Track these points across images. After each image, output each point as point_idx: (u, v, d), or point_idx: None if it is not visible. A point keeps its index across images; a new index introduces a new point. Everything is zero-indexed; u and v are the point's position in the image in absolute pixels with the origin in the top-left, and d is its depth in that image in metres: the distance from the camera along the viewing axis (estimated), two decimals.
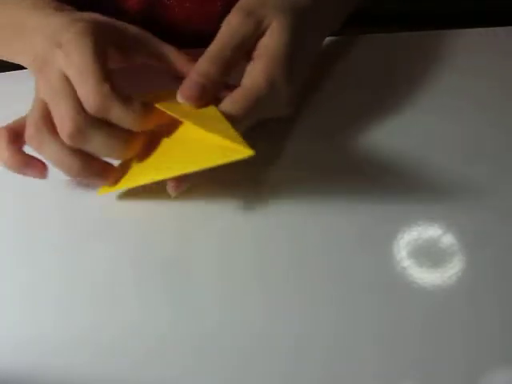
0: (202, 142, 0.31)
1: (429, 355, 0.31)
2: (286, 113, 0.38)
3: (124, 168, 0.36)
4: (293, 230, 0.35)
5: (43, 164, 0.35)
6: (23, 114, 0.35)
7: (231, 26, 0.35)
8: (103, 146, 0.33)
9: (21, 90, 0.37)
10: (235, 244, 0.35)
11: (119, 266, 0.34)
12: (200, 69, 0.35)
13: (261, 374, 0.30)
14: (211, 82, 0.34)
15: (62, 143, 0.32)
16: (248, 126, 0.36)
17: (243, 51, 0.35)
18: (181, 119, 0.34)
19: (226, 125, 0.32)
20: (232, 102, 0.34)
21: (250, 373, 0.30)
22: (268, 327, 0.32)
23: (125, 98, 0.32)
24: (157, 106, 0.34)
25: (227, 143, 0.30)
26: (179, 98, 0.34)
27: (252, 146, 0.30)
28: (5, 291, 0.33)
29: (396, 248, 0.35)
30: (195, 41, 0.45)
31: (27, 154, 0.34)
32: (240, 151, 0.30)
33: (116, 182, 0.35)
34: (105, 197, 0.37)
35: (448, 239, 0.35)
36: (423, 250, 0.35)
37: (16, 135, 0.34)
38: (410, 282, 0.33)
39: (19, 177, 0.36)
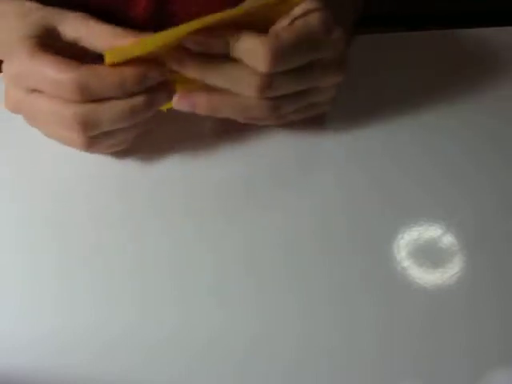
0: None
1: (429, 355, 0.31)
2: (335, 80, 0.35)
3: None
4: (291, 230, 0.35)
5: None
6: None
7: None
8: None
9: None
10: (234, 245, 0.35)
11: (119, 266, 0.34)
12: None
13: (260, 373, 0.30)
14: None
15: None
16: (291, 73, 0.33)
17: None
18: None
19: None
20: (282, 30, 0.32)
21: (249, 373, 0.30)
22: (268, 328, 0.32)
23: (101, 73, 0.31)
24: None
25: None
26: None
27: None
28: (4, 291, 0.33)
29: (396, 248, 0.35)
30: None
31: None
32: None
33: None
34: (104, 196, 0.36)
35: (448, 239, 0.35)
36: (423, 250, 0.35)
37: None
38: (410, 282, 0.33)
39: (17, 176, 0.36)
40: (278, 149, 0.39)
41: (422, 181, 0.38)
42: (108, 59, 0.31)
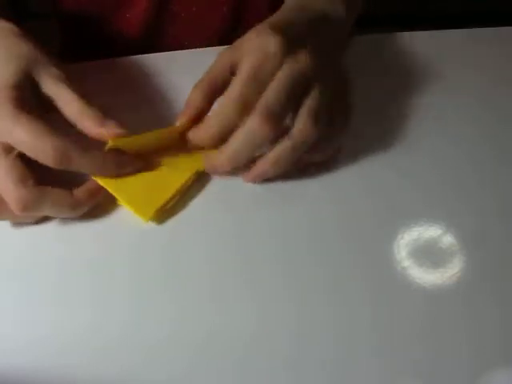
0: None
1: (429, 355, 0.31)
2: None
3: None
4: (291, 231, 0.35)
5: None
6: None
7: None
8: (52, 210, 0.33)
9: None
10: (233, 246, 0.35)
11: (118, 267, 0.34)
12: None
13: (259, 372, 0.30)
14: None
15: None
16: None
17: None
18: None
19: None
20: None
21: (249, 371, 0.30)
22: (267, 328, 0.32)
23: (83, 147, 0.32)
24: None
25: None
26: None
27: None
28: (4, 292, 0.33)
29: (396, 248, 0.35)
30: (198, 46, 0.45)
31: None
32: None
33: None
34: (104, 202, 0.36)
35: (448, 239, 0.35)
36: (423, 250, 0.35)
37: None
38: (410, 282, 0.33)
39: None
40: None
41: (422, 181, 0.38)
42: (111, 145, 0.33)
